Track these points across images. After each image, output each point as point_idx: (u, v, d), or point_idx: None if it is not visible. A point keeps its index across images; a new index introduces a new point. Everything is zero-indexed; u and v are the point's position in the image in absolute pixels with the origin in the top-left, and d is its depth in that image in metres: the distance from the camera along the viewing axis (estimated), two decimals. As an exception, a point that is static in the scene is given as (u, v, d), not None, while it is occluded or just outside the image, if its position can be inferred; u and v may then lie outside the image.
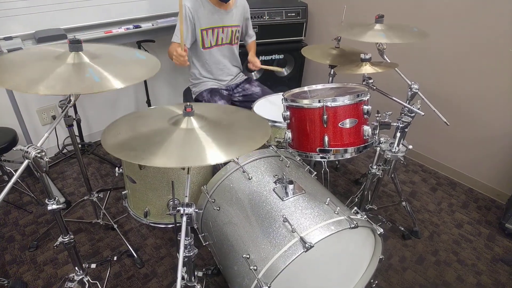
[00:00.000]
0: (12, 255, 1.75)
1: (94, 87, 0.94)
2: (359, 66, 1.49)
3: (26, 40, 1.98)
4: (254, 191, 1.32)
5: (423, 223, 2.04)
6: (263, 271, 1.09)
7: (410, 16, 2.32)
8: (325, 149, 1.32)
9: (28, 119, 2.31)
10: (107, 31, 2.21)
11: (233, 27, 2.07)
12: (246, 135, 1.06)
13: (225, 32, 2.04)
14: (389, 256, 1.82)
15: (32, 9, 2.04)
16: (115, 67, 1.06)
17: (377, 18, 1.59)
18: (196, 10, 1.91)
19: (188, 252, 1.11)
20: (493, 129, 2.16)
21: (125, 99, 2.81)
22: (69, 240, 1.15)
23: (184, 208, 0.97)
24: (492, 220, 2.10)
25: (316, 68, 3.09)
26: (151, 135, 1.01)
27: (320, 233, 1.09)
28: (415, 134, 2.43)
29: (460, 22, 2.10)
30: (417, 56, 2.35)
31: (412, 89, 1.56)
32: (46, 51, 1.10)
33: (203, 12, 1.93)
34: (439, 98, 2.32)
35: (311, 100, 1.31)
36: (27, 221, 1.95)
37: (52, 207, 1.03)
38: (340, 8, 2.65)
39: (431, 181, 2.43)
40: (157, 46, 2.57)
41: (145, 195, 1.48)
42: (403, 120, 1.43)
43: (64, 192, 2.18)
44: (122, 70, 1.06)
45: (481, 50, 2.06)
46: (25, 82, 0.91)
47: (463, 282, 1.70)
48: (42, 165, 0.88)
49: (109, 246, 1.81)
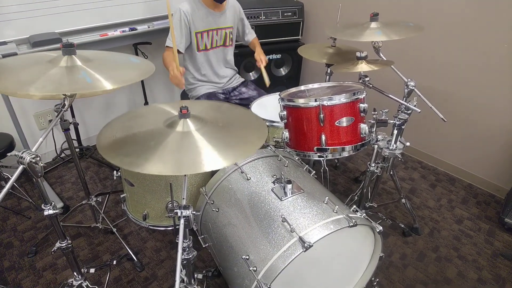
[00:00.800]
0: (11, 261, 1.74)
1: (86, 87, 0.94)
2: (355, 65, 1.49)
3: (21, 45, 1.97)
4: (253, 191, 1.31)
5: (423, 220, 2.04)
6: (262, 272, 1.08)
7: (405, 13, 2.32)
8: (323, 148, 1.32)
9: (25, 123, 2.30)
10: (103, 34, 2.21)
11: (227, 28, 2.07)
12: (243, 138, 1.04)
13: (219, 34, 2.05)
14: (390, 253, 1.82)
15: (27, 14, 2.03)
16: (108, 70, 1.05)
17: (372, 16, 1.59)
18: (192, 13, 1.91)
19: (187, 254, 1.10)
20: (491, 124, 2.15)
21: (123, 102, 2.80)
22: (67, 245, 1.15)
23: (182, 210, 0.96)
24: (492, 215, 2.10)
25: (314, 67, 3.09)
26: (146, 139, 1.00)
27: (319, 232, 1.09)
28: (413, 131, 2.43)
29: (456, 18, 2.10)
30: (413, 53, 2.35)
31: (408, 86, 1.55)
32: (39, 55, 1.10)
33: (198, 15, 1.94)
34: (436, 94, 2.32)
35: (308, 99, 1.31)
36: (25, 226, 1.94)
37: (48, 212, 1.02)
38: (336, 7, 2.65)
39: (430, 177, 2.43)
40: (154, 48, 2.57)
41: (144, 198, 1.47)
42: (399, 118, 1.43)
43: (62, 196, 2.18)
44: (115, 73, 1.05)
45: (477, 46, 2.06)
46: (16, 84, 0.90)
47: (464, 278, 1.70)
48: (37, 170, 0.88)
49: (109, 250, 1.80)
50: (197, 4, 1.94)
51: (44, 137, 0.92)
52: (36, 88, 0.88)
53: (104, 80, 0.97)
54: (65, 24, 2.16)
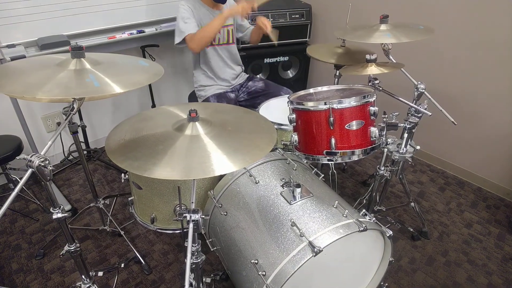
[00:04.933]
0: (19, 263, 1.74)
1: (94, 92, 0.93)
2: (364, 67, 1.47)
3: (29, 48, 1.99)
4: (262, 195, 1.30)
5: (432, 224, 2.02)
6: (271, 277, 1.07)
7: (414, 15, 2.30)
8: (332, 151, 1.30)
9: (34, 126, 2.31)
10: (111, 37, 2.21)
11: (228, 26, 2.08)
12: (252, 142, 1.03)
13: (222, 32, 2.06)
14: (399, 257, 1.80)
15: (35, 16, 2.05)
16: (117, 73, 1.05)
17: (382, 19, 1.57)
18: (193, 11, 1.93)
19: (195, 258, 1.09)
20: (501, 127, 2.12)
21: (130, 104, 2.81)
22: (75, 248, 1.14)
23: (191, 214, 0.96)
24: (502, 219, 2.07)
25: (322, 70, 3.07)
26: (155, 142, 0.99)
27: (329, 237, 1.08)
28: (422, 134, 2.40)
29: (466, 20, 2.07)
30: (423, 56, 2.33)
31: (418, 89, 1.54)
32: (48, 58, 1.10)
33: (198, 14, 1.97)
34: (446, 97, 2.29)
35: (317, 103, 1.30)
36: (33, 229, 1.95)
37: (57, 216, 1.02)
38: (343, 9, 2.64)
39: (439, 181, 2.40)
40: (162, 51, 2.58)
41: (152, 201, 1.46)
42: (410, 121, 1.41)
43: (70, 199, 2.18)
44: (123, 76, 1.05)
45: (487, 48, 2.03)
46: (23, 87, 0.90)
47: (474, 283, 1.67)
48: (46, 173, 0.87)
49: (116, 253, 1.80)
50: (196, 3, 1.96)
51: (53, 141, 0.91)
52: (43, 92, 0.88)
53: (113, 84, 0.97)
54: (73, 27, 2.18)
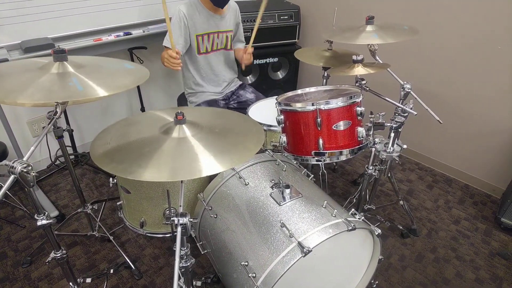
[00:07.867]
0: (5, 272, 1.70)
1: (77, 95, 0.92)
2: (351, 68, 1.49)
3: (12, 51, 1.94)
4: (251, 196, 1.30)
5: (421, 221, 2.04)
6: (262, 278, 1.07)
7: (400, 15, 2.33)
8: (320, 152, 1.31)
9: (19, 131, 2.27)
10: (97, 39, 2.18)
11: (227, 32, 2.06)
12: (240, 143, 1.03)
13: (220, 37, 2.04)
14: (389, 255, 1.81)
15: (18, 19, 2.00)
16: (101, 76, 1.03)
17: (368, 20, 1.59)
18: (191, 16, 1.90)
19: (185, 262, 1.09)
20: (487, 125, 2.17)
21: (119, 107, 2.77)
22: (62, 255, 1.12)
23: (179, 218, 0.95)
24: (488, 215, 2.11)
25: (311, 71, 3.09)
26: (140, 145, 0.98)
27: (318, 237, 1.08)
28: (410, 132, 2.43)
29: (451, 19, 2.11)
30: (408, 55, 2.36)
31: (404, 88, 1.56)
32: (31, 62, 1.08)
33: (199, 18, 1.92)
34: (432, 96, 2.33)
35: (305, 104, 1.30)
36: (20, 236, 1.91)
37: (42, 223, 1.00)
38: (332, 10, 2.66)
39: (427, 178, 2.43)
40: (150, 53, 2.55)
41: (140, 205, 1.45)
42: (396, 120, 1.43)
43: (58, 204, 2.14)
44: (108, 79, 1.03)
45: (472, 47, 2.07)
46: (4, 92, 0.88)
47: (462, 278, 1.70)
48: (29, 180, 0.85)
49: (106, 259, 1.78)
50: (197, 7, 1.92)
51: (35, 146, 0.89)
52: (25, 97, 0.86)
53: (97, 87, 0.95)
54: (58, 29, 2.13)
